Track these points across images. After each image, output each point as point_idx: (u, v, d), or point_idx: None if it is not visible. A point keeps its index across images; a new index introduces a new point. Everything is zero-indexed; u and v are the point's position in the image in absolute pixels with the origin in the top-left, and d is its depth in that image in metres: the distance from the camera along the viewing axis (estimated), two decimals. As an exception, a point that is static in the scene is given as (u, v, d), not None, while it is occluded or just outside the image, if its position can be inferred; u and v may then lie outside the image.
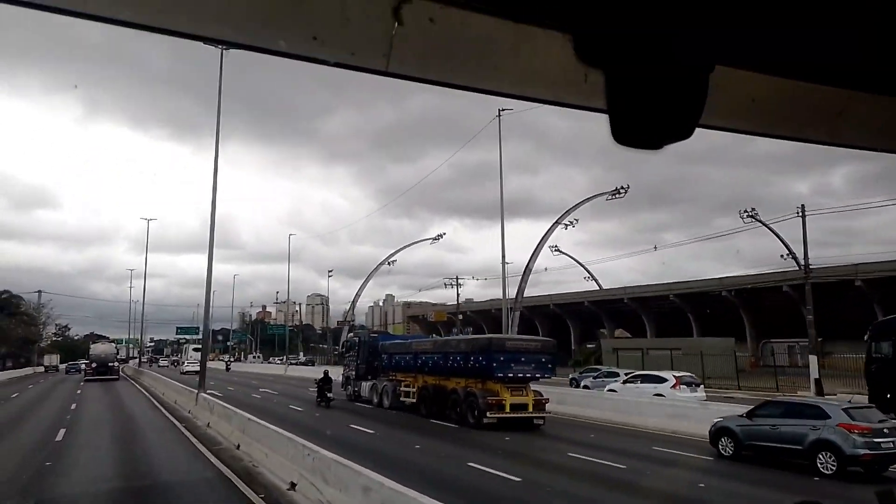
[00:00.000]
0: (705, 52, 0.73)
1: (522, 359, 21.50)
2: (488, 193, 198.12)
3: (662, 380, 26.54)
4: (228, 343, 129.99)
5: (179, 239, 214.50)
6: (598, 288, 68.98)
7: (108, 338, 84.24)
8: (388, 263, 68.81)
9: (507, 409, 20.78)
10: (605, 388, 28.75)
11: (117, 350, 60.23)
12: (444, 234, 69.39)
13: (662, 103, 0.70)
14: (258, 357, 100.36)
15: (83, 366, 59.09)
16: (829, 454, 13.36)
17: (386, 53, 0.83)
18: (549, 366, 22.21)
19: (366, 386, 29.25)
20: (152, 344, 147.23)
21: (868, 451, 12.98)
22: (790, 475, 13.63)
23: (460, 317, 67.41)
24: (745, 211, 40.26)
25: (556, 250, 60.04)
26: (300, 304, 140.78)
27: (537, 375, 21.75)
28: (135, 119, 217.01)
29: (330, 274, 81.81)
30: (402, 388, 26.12)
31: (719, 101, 0.83)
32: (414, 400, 25.00)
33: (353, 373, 30.93)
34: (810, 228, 35.21)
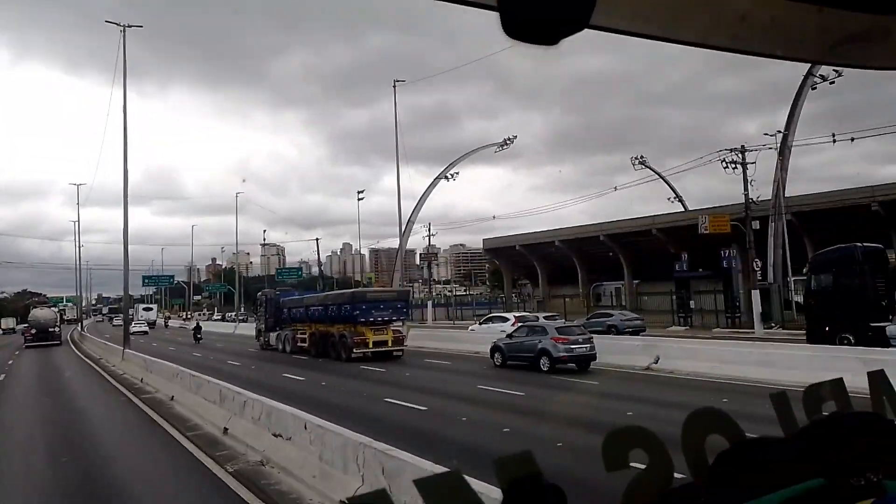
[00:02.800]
0: None
1: (382, 306, 28.30)
2: (445, 138, 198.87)
3: (506, 319, 33.76)
4: (198, 297, 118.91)
5: (121, 192, 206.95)
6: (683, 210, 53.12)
7: (44, 295, 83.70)
8: (447, 177, 59.71)
9: (370, 346, 27.47)
10: (468, 328, 36.07)
11: (59, 314, 61.21)
12: (515, 136, 57.73)
13: None
14: (204, 314, 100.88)
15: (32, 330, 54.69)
16: (545, 358, 20.55)
17: None
18: (405, 310, 29.19)
19: (273, 336, 35.64)
20: (96, 304, 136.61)
21: (566, 354, 20.24)
22: (527, 373, 20.72)
23: (756, 223, 37.52)
24: None
25: (639, 162, 53.67)
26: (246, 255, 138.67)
27: (394, 318, 28.59)
28: (70, 62, 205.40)
29: (360, 197, 70.94)
30: (298, 336, 32.63)
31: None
32: (306, 345, 31.59)
33: (263, 325, 37.35)
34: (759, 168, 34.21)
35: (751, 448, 0.93)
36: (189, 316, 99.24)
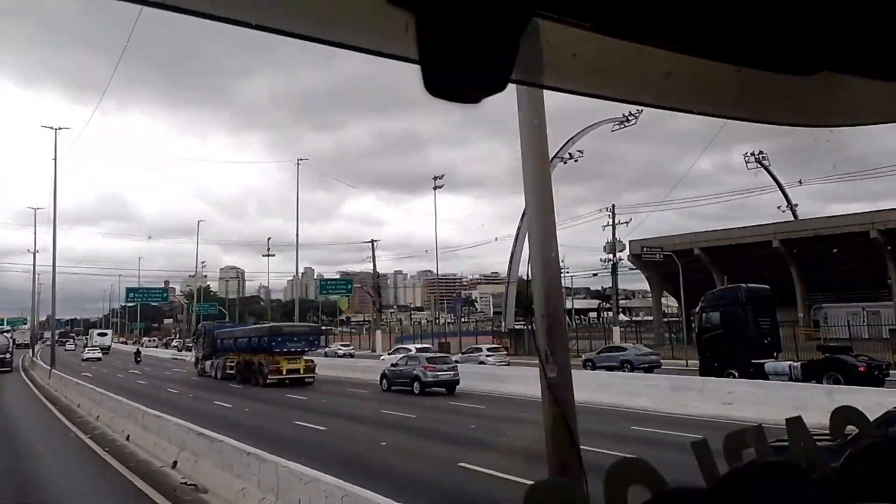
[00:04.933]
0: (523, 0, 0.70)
1: (295, 338, 31.56)
2: (409, 165, 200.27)
3: (409, 350, 36.77)
4: (170, 321, 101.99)
5: (72, 211, 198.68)
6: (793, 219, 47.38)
7: None
8: (563, 160, 49.73)
9: (284, 373, 30.57)
10: (380, 358, 39.29)
11: (12, 339, 59.98)
12: (640, 110, 41.31)
13: (473, 52, 0.68)
14: (153, 341, 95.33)
15: None
16: (417, 383, 23.85)
17: None
18: (316, 342, 32.61)
19: (208, 364, 38.57)
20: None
21: (432, 379, 23.57)
22: (404, 395, 23.91)
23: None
24: None
25: (755, 160, 50.31)
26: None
27: (306, 349, 31.83)
28: (27, 77, 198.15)
29: (438, 185, 60.86)
30: (228, 364, 35.59)
31: (537, 56, 0.83)
32: (233, 371, 34.56)
33: (201, 354, 40.28)
34: (718, 206, 25.61)
35: (672, 499, 0.92)
36: (140, 342, 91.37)
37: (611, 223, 48.54)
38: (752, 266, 40.91)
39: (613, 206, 48.93)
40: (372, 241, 65.14)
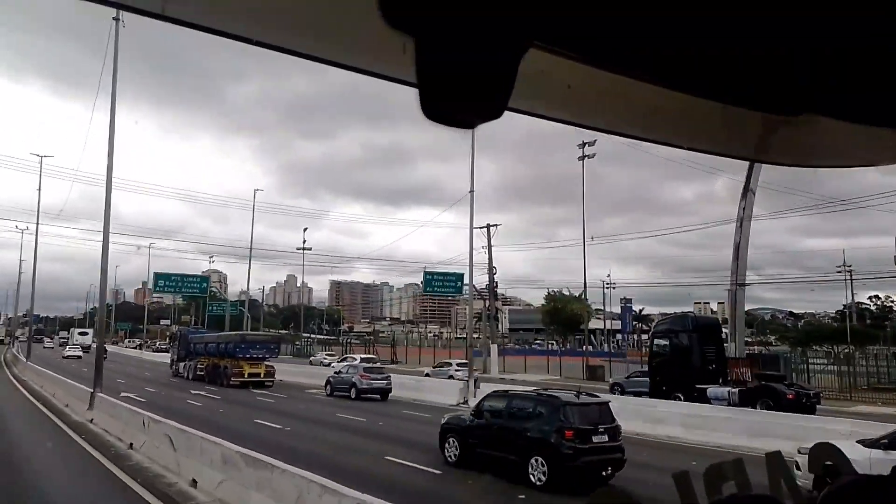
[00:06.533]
0: (521, 28, 0.71)
1: (258, 346, 37.41)
2: (395, 178, 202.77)
3: (355, 359, 42.78)
4: (167, 322, 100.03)
5: (53, 206, 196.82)
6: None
7: None
8: None
9: (246, 376, 36.20)
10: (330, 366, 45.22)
11: None
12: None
13: (471, 79, 0.68)
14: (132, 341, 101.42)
15: None
16: (354, 389, 29.70)
17: None
18: (276, 350, 38.42)
19: (181, 365, 44.00)
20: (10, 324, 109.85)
21: (366, 387, 29.47)
22: (345, 400, 29.63)
23: None
24: None
25: None
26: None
27: (267, 356, 37.60)
28: (14, 69, 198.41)
29: (588, 154, 49.94)
30: (199, 366, 41.10)
31: (533, 85, 0.86)
32: (203, 373, 40.07)
33: (176, 356, 45.70)
34: (697, 234, 30.05)
35: None
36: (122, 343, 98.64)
37: None
38: None
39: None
40: (488, 226, 50.68)
